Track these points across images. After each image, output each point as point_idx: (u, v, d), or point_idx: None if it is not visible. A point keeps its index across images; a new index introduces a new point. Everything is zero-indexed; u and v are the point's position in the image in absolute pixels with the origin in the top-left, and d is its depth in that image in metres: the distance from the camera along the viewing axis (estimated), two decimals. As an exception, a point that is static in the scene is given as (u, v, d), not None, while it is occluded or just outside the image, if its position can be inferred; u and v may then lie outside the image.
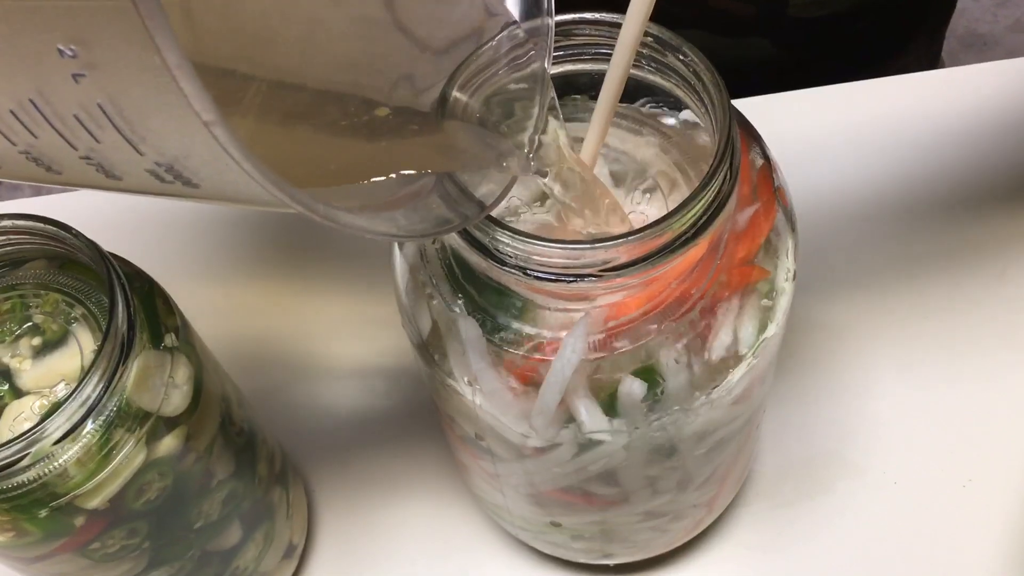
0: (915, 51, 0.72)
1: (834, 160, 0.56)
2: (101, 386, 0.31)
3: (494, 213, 0.29)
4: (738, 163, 0.30)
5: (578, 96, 0.35)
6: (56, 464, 0.31)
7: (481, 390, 0.33)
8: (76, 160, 0.21)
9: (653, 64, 0.32)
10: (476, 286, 0.33)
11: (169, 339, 0.34)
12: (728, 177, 0.29)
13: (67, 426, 0.31)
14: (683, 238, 0.29)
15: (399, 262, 0.35)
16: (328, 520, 0.49)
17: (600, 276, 0.29)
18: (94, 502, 0.33)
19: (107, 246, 0.34)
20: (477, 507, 0.48)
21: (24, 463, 0.31)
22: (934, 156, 0.56)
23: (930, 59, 0.75)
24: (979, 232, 0.54)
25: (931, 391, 0.50)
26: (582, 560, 0.45)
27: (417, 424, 0.50)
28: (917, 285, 0.52)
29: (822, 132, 0.57)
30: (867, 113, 0.59)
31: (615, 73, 0.31)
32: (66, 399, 0.31)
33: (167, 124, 0.18)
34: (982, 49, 1.71)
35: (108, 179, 0.21)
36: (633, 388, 0.31)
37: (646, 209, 0.35)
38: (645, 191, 0.35)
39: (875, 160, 0.57)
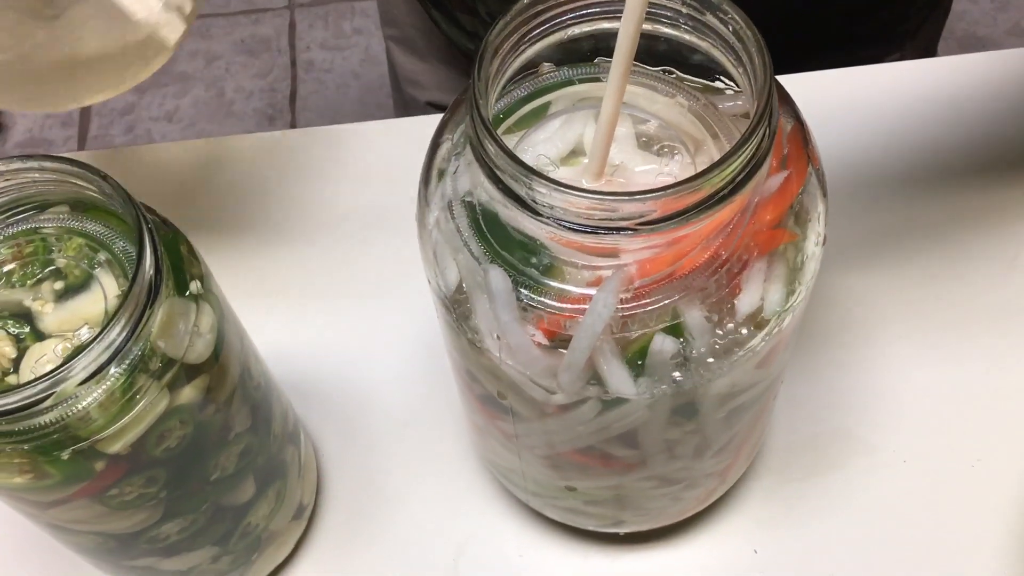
0: (899, 54, 0.71)
1: (850, 141, 0.56)
2: (127, 330, 0.31)
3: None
4: (776, 123, 0.30)
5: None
6: (79, 406, 0.31)
7: (508, 344, 0.33)
8: None
9: (691, 23, 0.32)
10: (504, 241, 0.33)
11: (194, 286, 0.34)
12: (766, 136, 0.29)
13: (92, 367, 0.31)
14: (719, 195, 0.29)
15: (427, 217, 0.35)
16: (337, 483, 0.49)
17: (635, 230, 0.29)
18: (115, 447, 0.32)
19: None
20: (487, 473, 0.48)
21: (47, 404, 0.31)
22: (949, 141, 0.57)
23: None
24: (994, 217, 0.54)
25: (943, 371, 0.50)
26: (592, 528, 0.45)
27: (427, 389, 0.50)
28: (931, 267, 0.53)
29: (837, 114, 0.57)
30: (881, 97, 0.59)
31: (627, 30, 0.30)
32: (91, 341, 0.31)
33: None
34: (980, 52, 1.71)
35: None
36: (664, 345, 0.31)
37: (673, 169, 0.35)
38: (673, 152, 0.35)
39: (887, 143, 0.57)
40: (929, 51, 0.75)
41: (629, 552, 0.46)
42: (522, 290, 0.32)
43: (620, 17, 0.33)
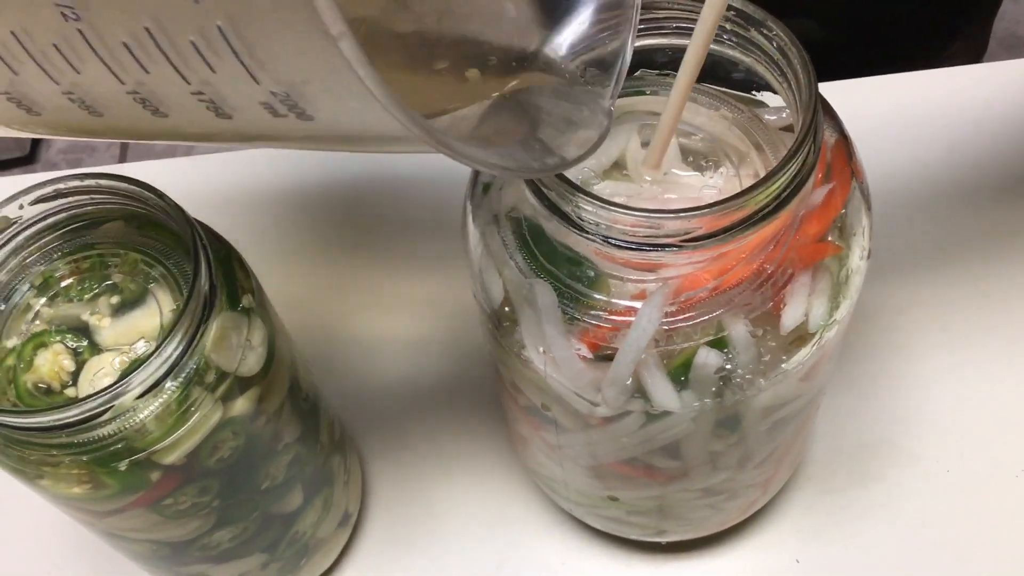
0: (961, 43, 0.71)
1: (893, 151, 0.56)
2: (183, 345, 0.32)
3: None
4: (820, 139, 0.30)
5: (658, 72, 0.35)
6: (136, 419, 0.32)
7: (553, 358, 0.33)
8: (187, 97, 0.20)
9: (735, 39, 0.32)
10: (550, 255, 0.33)
11: (246, 300, 0.35)
12: (811, 152, 0.30)
13: (149, 382, 0.32)
14: (764, 212, 0.29)
15: (472, 231, 0.36)
16: (381, 492, 0.50)
17: (680, 246, 0.29)
18: (171, 458, 0.33)
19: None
20: (530, 482, 0.49)
21: (105, 417, 0.32)
22: (995, 149, 0.56)
23: (976, 53, 0.75)
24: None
25: (986, 381, 0.50)
26: (634, 537, 0.46)
27: (471, 399, 0.51)
28: (974, 278, 0.52)
29: (881, 123, 0.57)
30: (922, 104, 0.59)
31: (694, 53, 0.31)
32: (148, 356, 0.32)
33: (290, 44, 0.17)
34: (1022, 51, 1.70)
35: (218, 118, 0.21)
36: (709, 359, 0.31)
37: (718, 182, 0.35)
38: (717, 165, 0.35)
39: (932, 153, 0.57)
40: (982, 46, 0.75)
41: (671, 561, 0.47)
42: (567, 304, 0.32)
43: (665, 33, 0.34)
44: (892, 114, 0.57)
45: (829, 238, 0.33)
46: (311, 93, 0.19)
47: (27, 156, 1.61)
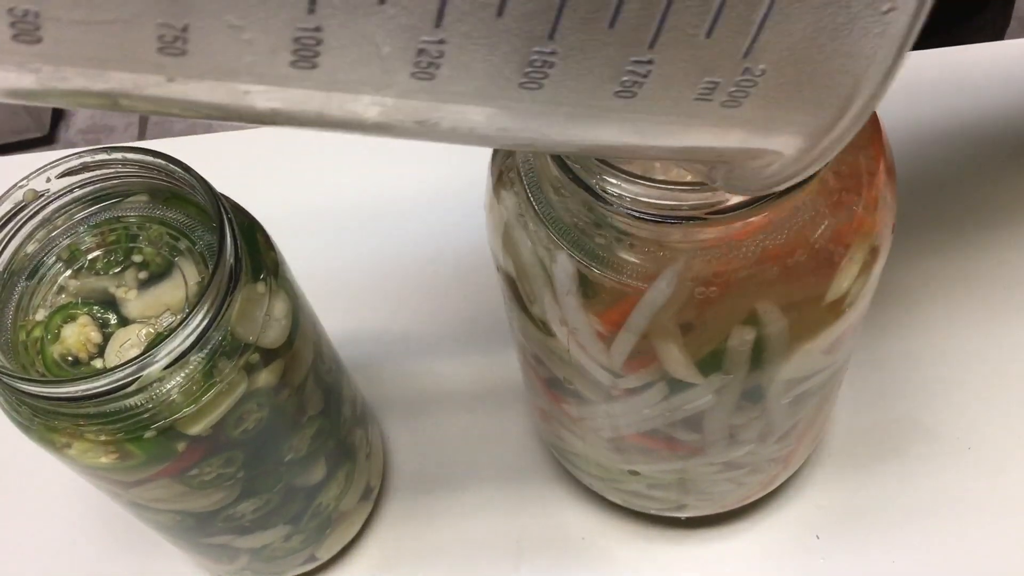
0: (985, 20, 0.71)
1: (919, 126, 0.56)
2: (208, 317, 0.32)
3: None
4: (845, 111, 0.30)
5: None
6: (162, 390, 0.32)
7: (573, 329, 0.33)
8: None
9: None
10: (573, 224, 0.33)
11: (269, 274, 0.35)
12: (836, 124, 0.30)
13: (176, 353, 0.32)
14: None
15: (494, 202, 0.36)
16: (403, 466, 0.50)
17: (705, 219, 0.29)
18: (196, 428, 0.34)
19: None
20: (551, 456, 0.49)
21: (132, 388, 0.32)
22: (1018, 125, 0.56)
23: (999, 29, 0.75)
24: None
25: (1008, 358, 0.49)
26: (654, 511, 0.46)
27: (492, 373, 0.51)
28: (998, 254, 0.52)
29: (906, 98, 0.57)
30: (941, 81, 0.58)
31: None
32: (174, 328, 0.32)
33: None
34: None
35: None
36: (739, 330, 0.31)
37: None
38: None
39: (957, 128, 0.56)
40: (1005, 21, 0.75)
41: (691, 536, 0.47)
42: (591, 271, 0.32)
43: None
44: (912, 91, 0.57)
45: (855, 211, 0.33)
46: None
47: (46, 136, 1.62)
